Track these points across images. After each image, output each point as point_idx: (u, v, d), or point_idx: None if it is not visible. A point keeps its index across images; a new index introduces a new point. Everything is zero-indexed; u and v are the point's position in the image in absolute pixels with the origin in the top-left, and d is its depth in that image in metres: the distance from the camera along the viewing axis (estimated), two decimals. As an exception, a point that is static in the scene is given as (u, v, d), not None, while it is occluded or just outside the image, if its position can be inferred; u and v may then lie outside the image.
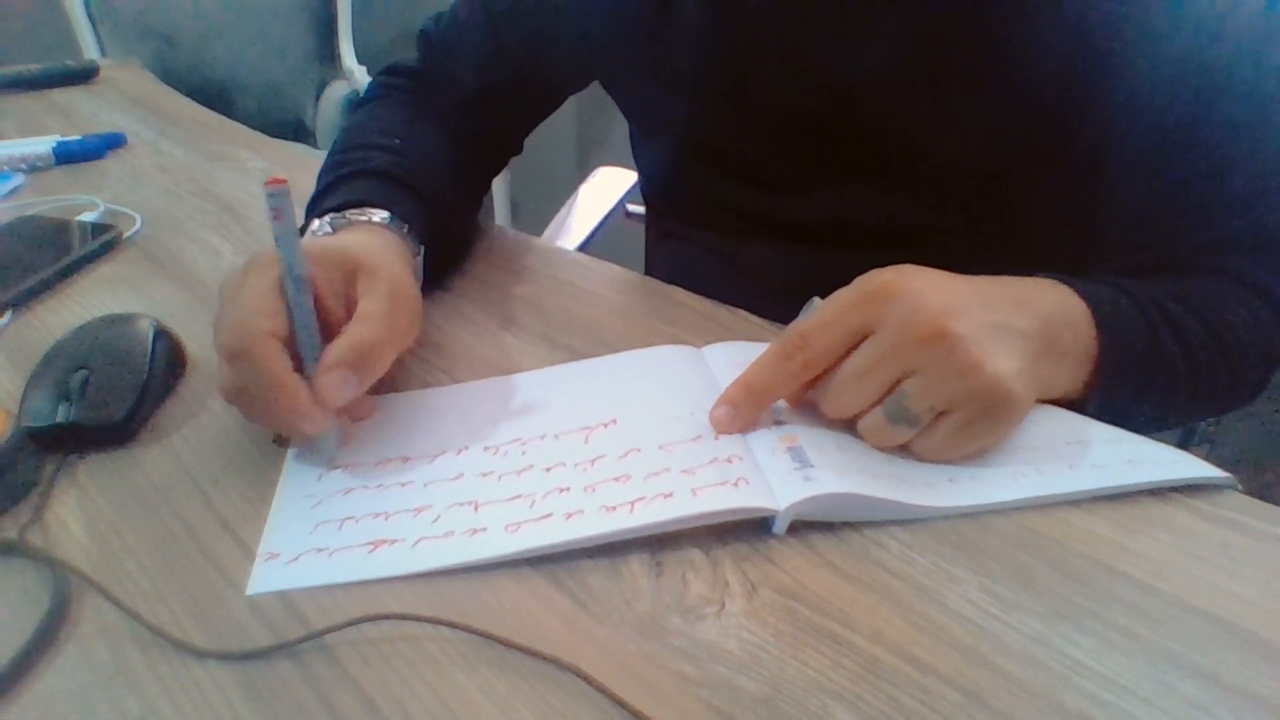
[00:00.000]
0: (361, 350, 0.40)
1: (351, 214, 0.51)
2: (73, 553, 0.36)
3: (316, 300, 0.41)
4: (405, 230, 0.52)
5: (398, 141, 0.59)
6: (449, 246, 0.60)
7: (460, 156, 0.64)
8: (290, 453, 0.42)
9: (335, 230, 0.50)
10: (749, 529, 0.37)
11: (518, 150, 0.73)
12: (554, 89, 0.71)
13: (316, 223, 0.51)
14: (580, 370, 0.48)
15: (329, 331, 0.41)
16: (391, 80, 0.70)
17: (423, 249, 0.53)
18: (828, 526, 0.37)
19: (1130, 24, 0.46)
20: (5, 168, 0.80)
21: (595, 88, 0.71)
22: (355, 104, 0.71)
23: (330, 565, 0.35)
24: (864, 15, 0.51)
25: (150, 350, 0.46)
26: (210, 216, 0.70)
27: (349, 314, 0.42)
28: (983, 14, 0.48)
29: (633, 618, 0.33)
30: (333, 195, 0.54)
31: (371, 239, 0.48)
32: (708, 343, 0.49)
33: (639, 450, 0.40)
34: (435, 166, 0.60)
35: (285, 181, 0.37)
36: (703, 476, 0.38)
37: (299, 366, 0.39)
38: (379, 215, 0.51)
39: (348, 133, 0.63)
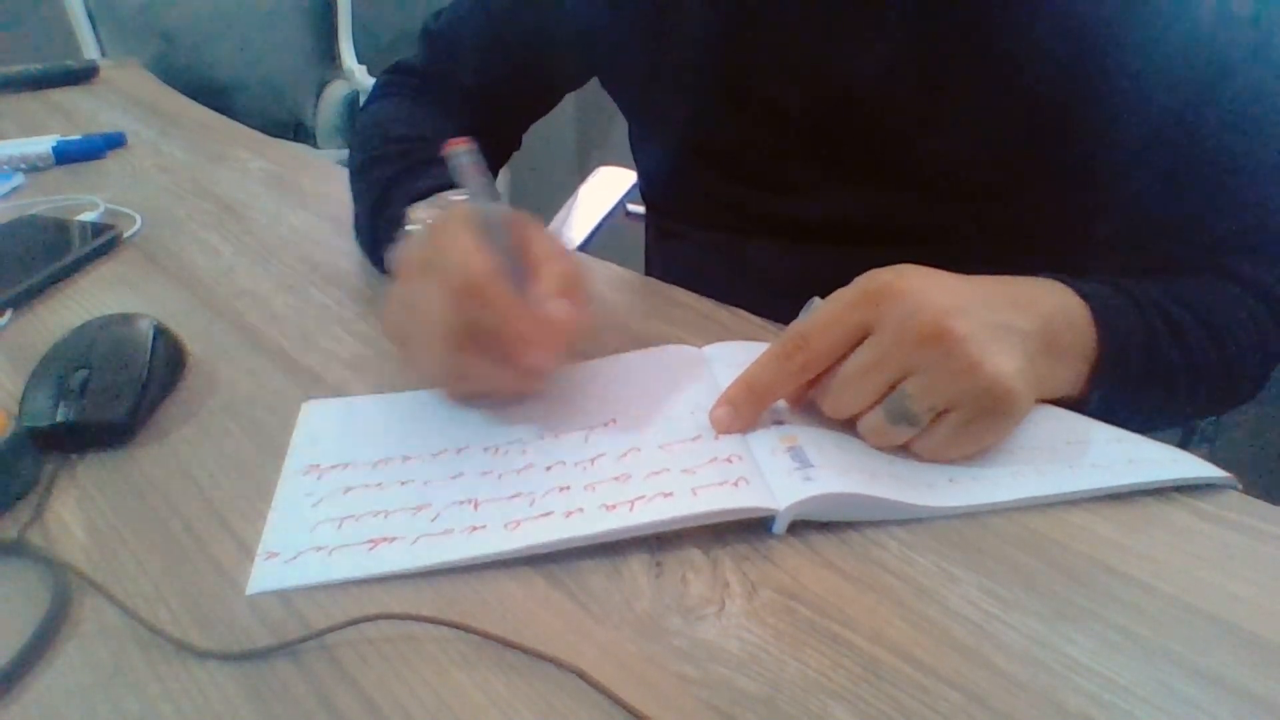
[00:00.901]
0: (570, 279, 0.41)
1: (450, 195, 0.51)
2: (73, 553, 0.36)
3: None
4: None
5: (427, 133, 0.60)
6: None
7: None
8: (290, 452, 0.42)
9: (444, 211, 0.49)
10: (749, 529, 0.37)
11: (516, 146, 0.73)
12: (553, 87, 0.71)
13: (419, 209, 0.50)
14: (581, 370, 0.48)
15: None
16: (398, 79, 0.70)
17: None
18: (828, 526, 0.37)
19: (1129, 25, 0.46)
20: (5, 168, 0.80)
21: (595, 87, 0.71)
22: (367, 100, 0.72)
23: (330, 563, 0.35)
24: (864, 15, 0.51)
25: (150, 350, 0.46)
26: (210, 216, 0.70)
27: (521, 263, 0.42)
28: (982, 14, 0.48)
29: (633, 618, 0.33)
30: (409, 183, 0.53)
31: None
32: (708, 343, 0.49)
33: (639, 450, 0.40)
34: None
35: (468, 140, 0.39)
36: (703, 476, 0.38)
37: None
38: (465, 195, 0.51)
39: (372, 129, 0.64)
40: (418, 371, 0.46)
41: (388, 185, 0.56)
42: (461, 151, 0.39)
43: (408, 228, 0.49)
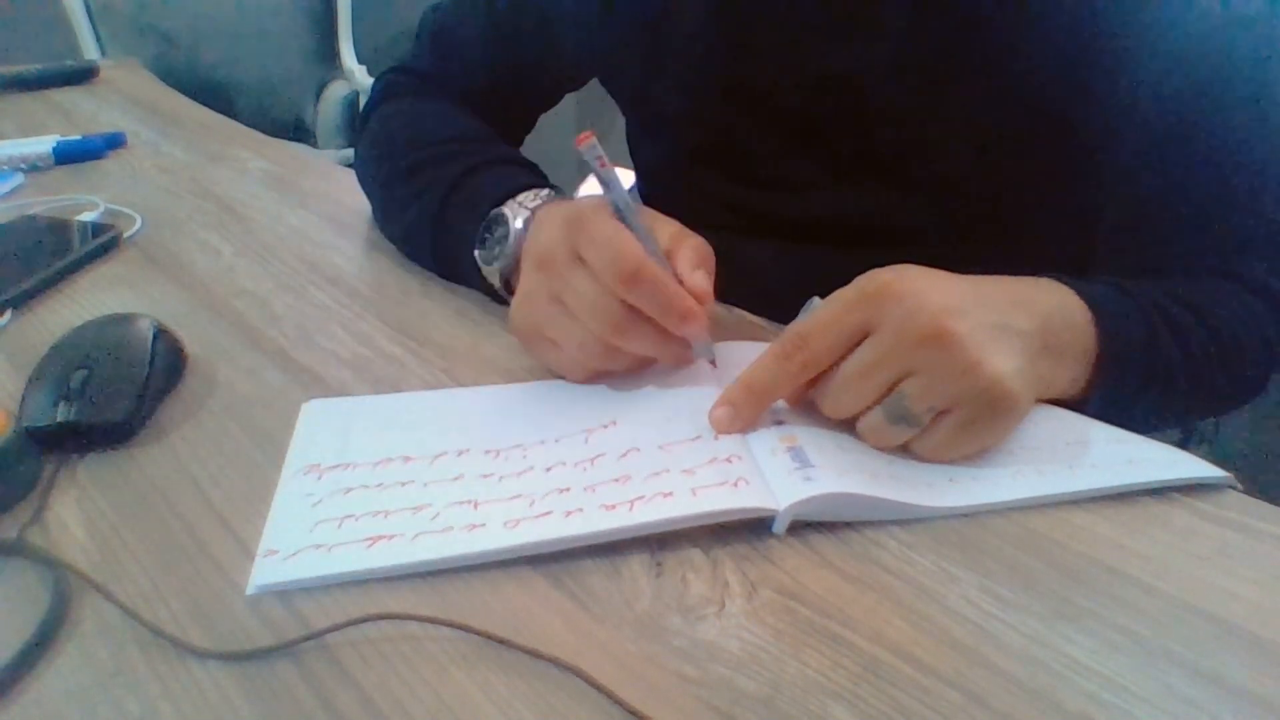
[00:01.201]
0: (704, 253, 0.43)
1: (536, 194, 0.51)
2: (73, 553, 0.36)
3: None
4: None
5: (472, 133, 0.61)
6: None
7: None
8: (290, 452, 0.42)
9: (535, 211, 0.50)
10: (749, 529, 0.37)
11: (517, 146, 0.73)
12: (553, 86, 0.71)
13: (515, 211, 0.50)
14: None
15: None
16: (403, 79, 0.71)
17: None
18: (828, 526, 0.37)
19: (1129, 23, 0.46)
20: (5, 168, 0.80)
21: (595, 87, 0.71)
22: (371, 101, 0.71)
23: (329, 559, 0.35)
24: (863, 13, 0.51)
25: (150, 350, 0.46)
26: (210, 216, 0.70)
27: None
28: (982, 13, 0.48)
29: (633, 618, 0.33)
30: (481, 183, 0.54)
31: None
32: (708, 343, 0.49)
33: (639, 450, 0.40)
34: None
35: (593, 134, 0.41)
36: (702, 476, 0.38)
37: None
38: (546, 193, 0.52)
39: (400, 130, 0.64)
40: (557, 365, 0.46)
41: (453, 186, 0.55)
42: (595, 144, 0.41)
43: (515, 224, 0.50)
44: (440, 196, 0.56)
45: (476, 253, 0.52)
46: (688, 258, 0.43)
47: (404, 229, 0.62)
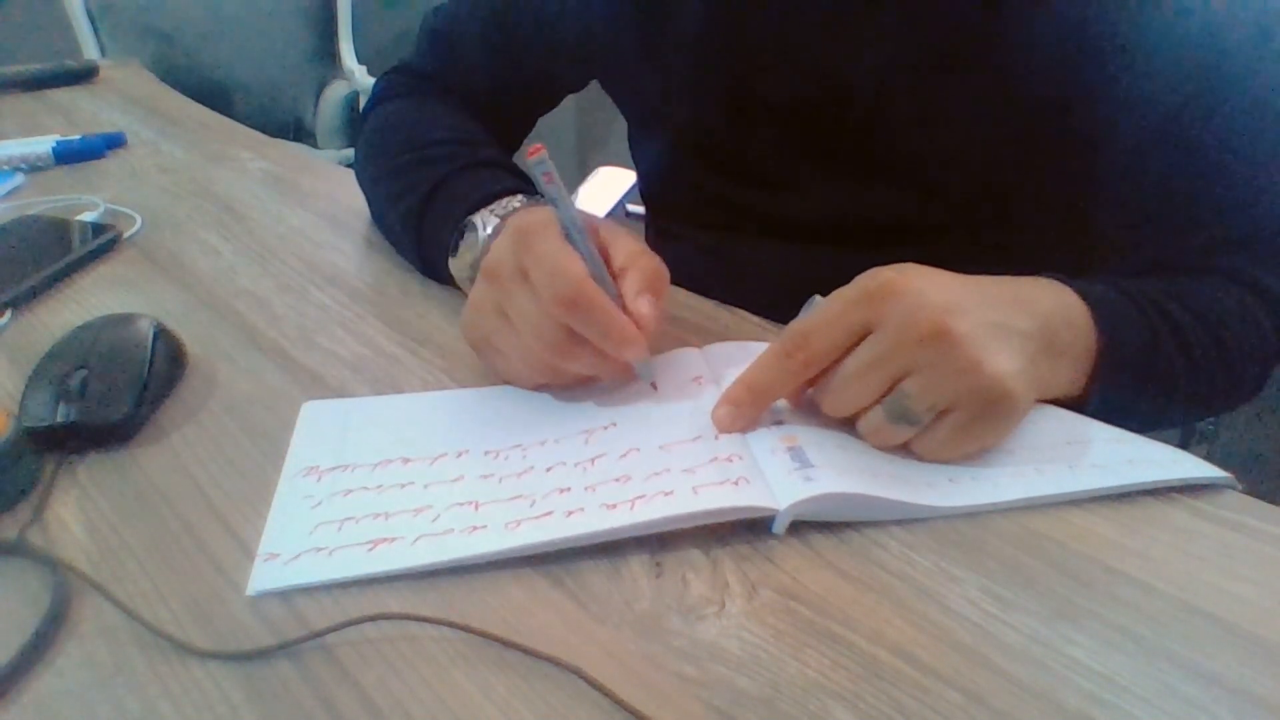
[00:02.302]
0: (652, 276, 0.43)
1: (510, 200, 0.51)
2: (73, 553, 0.36)
3: None
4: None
5: (465, 135, 0.61)
6: None
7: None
8: (290, 453, 0.42)
9: (505, 219, 0.50)
10: (749, 529, 0.37)
11: (516, 147, 0.73)
12: (553, 88, 0.71)
13: (485, 220, 0.50)
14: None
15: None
16: (404, 79, 0.71)
17: None
18: (828, 526, 0.37)
19: (1128, 23, 0.46)
20: (5, 168, 0.80)
21: (595, 87, 0.71)
22: (372, 100, 0.71)
23: (330, 563, 0.35)
24: (861, 14, 0.51)
25: (150, 350, 0.46)
26: (210, 216, 0.70)
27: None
28: (980, 12, 0.48)
29: (633, 618, 0.33)
30: (462, 187, 0.54)
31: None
32: (708, 343, 0.49)
33: (639, 450, 0.40)
34: (508, 156, 0.61)
35: (543, 148, 0.40)
36: (703, 476, 0.38)
37: None
38: (531, 199, 0.52)
39: (395, 130, 0.64)
40: (504, 373, 0.46)
41: (434, 188, 0.55)
42: (542, 159, 0.40)
43: (484, 232, 0.50)
44: (421, 200, 0.56)
45: (450, 260, 0.53)
46: (635, 281, 0.42)
47: (390, 230, 0.62)
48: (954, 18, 0.49)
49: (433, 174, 0.56)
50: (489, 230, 0.50)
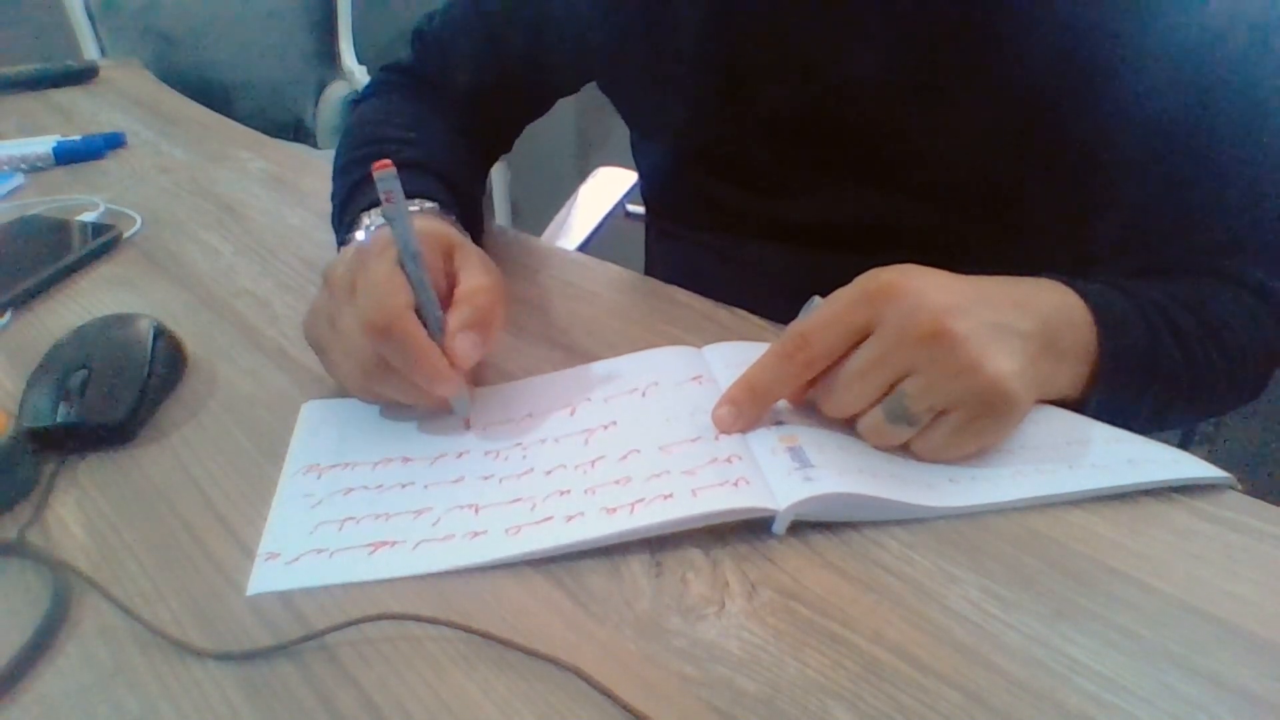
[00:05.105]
0: (483, 314, 0.42)
1: (375, 212, 0.51)
2: (73, 553, 0.36)
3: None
4: (453, 219, 0.53)
5: (413, 134, 0.60)
6: (476, 236, 0.61)
7: (466, 150, 0.65)
8: (290, 452, 0.42)
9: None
10: (749, 529, 0.37)
11: (507, 149, 0.73)
12: (547, 91, 0.71)
13: (370, 216, 0.50)
14: (580, 374, 0.48)
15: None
16: (391, 77, 0.70)
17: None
18: (828, 526, 0.37)
19: (1126, 26, 0.46)
20: (5, 168, 0.80)
21: (595, 87, 0.71)
22: (357, 99, 0.72)
23: (330, 566, 0.35)
24: (860, 17, 0.51)
25: (150, 350, 0.46)
26: (210, 216, 0.70)
27: (450, 289, 0.43)
28: (978, 16, 0.48)
29: (633, 618, 0.33)
30: (372, 189, 0.54)
31: (440, 224, 0.48)
32: (708, 343, 0.49)
33: (639, 451, 0.40)
34: (454, 159, 0.61)
35: (391, 164, 0.39)
36: (703, 477, 0.38)
37: None
38: (429, 205, 0.52)
39: (361, 126, 0.64)
40: (335, 379, 0.45)
41: (353, 188, 0.56)
42: (386, 175, 0.38)
43: (359, 234, 0.50)
44: (345, 195, 0.56)
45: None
46: (462, 316, 0.41)
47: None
48: (953, 19, 0.49)
49: (359, 172, 0.56)
50: (363, 235, 0.49)
